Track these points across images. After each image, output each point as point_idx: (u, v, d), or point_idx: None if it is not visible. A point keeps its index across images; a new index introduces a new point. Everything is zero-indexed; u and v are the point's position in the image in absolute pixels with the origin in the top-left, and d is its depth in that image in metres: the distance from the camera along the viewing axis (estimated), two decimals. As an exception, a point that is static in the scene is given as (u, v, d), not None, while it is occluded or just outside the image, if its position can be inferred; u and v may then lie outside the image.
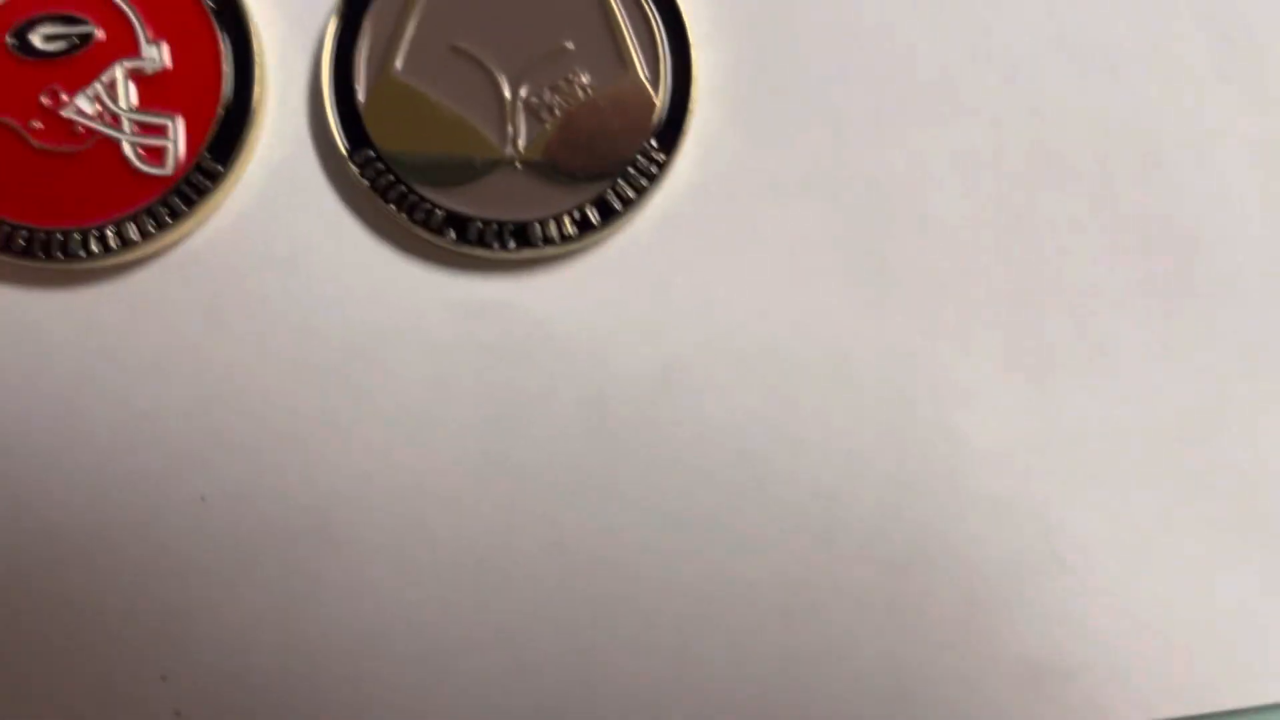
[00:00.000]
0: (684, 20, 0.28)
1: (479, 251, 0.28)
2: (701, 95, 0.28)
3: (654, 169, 0.28)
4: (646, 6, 0.28)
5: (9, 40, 0.28)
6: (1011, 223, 0.29)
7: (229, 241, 0.28)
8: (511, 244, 0.28)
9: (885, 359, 0.29)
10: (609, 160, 0.28)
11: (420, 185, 0.28)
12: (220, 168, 0.28)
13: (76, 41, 0.28)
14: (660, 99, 0.28)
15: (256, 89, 0.28)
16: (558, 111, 0.28)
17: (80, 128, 0.28)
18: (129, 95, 0.28)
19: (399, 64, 0.28)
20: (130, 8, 0.28)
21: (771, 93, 0.29)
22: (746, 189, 0.29)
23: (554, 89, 0.28)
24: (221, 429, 0.28)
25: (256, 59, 0.28)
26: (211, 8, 0.28)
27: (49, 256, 0.27)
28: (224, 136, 0.28)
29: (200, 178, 0.28)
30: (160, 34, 0.28)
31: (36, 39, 0.28)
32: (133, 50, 0.28)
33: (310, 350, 0.28)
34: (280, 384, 0.28)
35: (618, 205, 0.28)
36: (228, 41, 0.28)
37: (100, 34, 0.28)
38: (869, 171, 0.29)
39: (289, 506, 0.28)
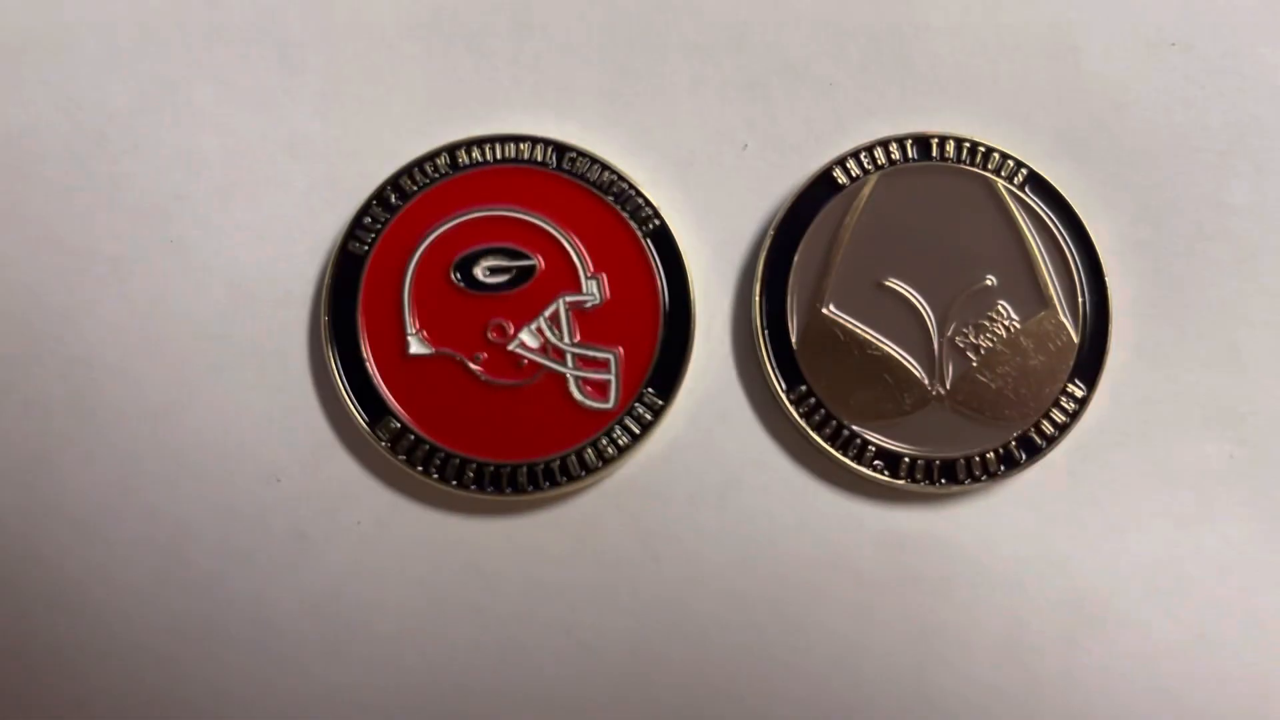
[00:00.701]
0: (1098, 254, 0.29)
1: (908, 486, 0.28)
2: (1114, 329, 0.29)
3: (1074, 406, 0.29)
4: (1061, 240, 0.29)
5: (454, 275, 0.28)
6: None
7: (662, 471, 0.28)
8: (941, 480, 0.28)
9: (1292, 593, 0.29)
10: (1033, 398, 0.29)
11: (852, 421, 0.28)
12: (661, 402, 0.28)
13: (518, 275, 0.28)
14: (1079, 336, 0.29)
15: (693, 323, 0.28)
16: (983, 350, 0.29)
17: (525, 361, 0.28)
18: (571, 329, 0.28)
19: (830, 301, 0.29)
20: (570, 241, 0.28)
21: (1177, 325, 0.30)
22: (1155, 424, 0.29)
23: (978, 327, 0.29)
24: (657, 656, 0.28)
25: (692, 292, 0.28)
26: (647, 242, 0.29)
27: (498, 490, 0.28)
28: (662, 370, 0.28)
29: (642, 411, 0.28)
30: (600, 267, 0.28)
31: (480, 272, 0.28)
32: (574, 284, 0.28)
33: (742, 580, 0.28)
34: (714, 612, 0.28)
35: (1040, 442, 0.29)
36: (662, 276, 0.28)
37: (542, 267, 0.28)
38: (1268, 406, 0.30)
39: (727, 742, 0.28)
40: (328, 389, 0.28)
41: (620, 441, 0.28)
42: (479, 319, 0.28)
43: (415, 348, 0.28)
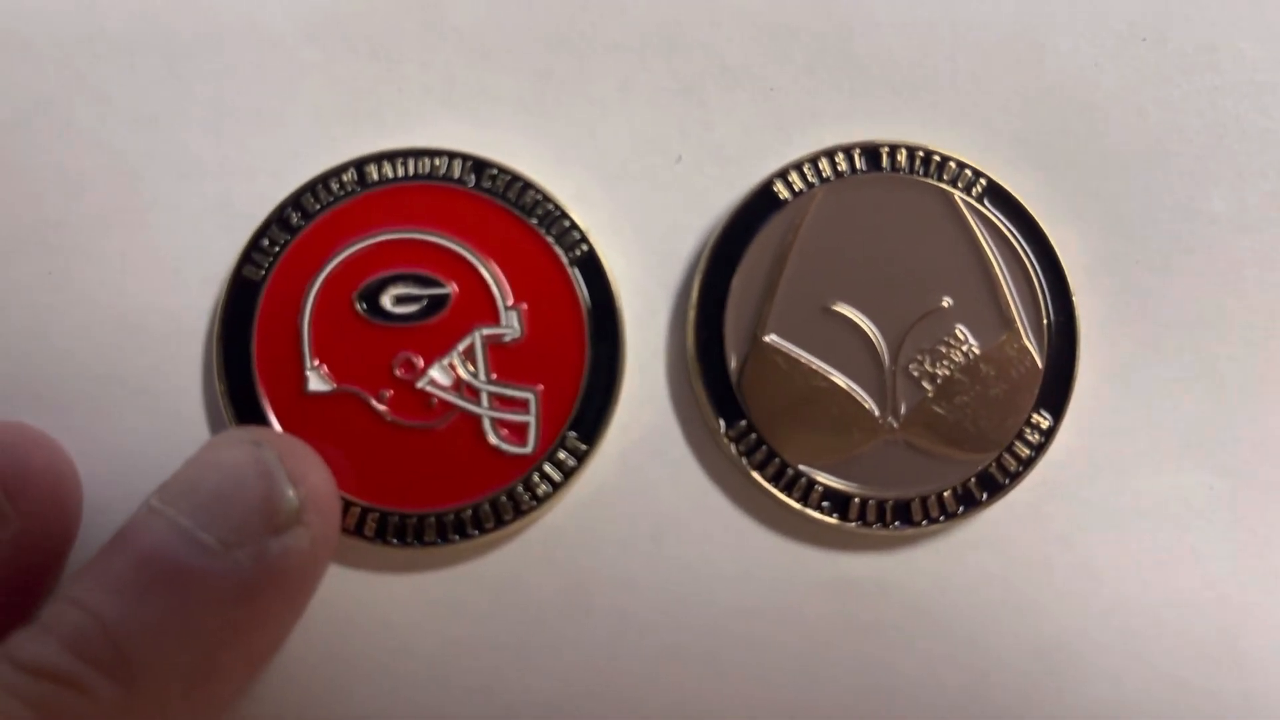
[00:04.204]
0: (1065, 271, 0.27)
1: (859, 529, 0.26)
2: (1082, 353, 0.27)
3: (1039, 438, 0.26)
4: (1024, 256, 0.27)
5: (357, 304, 0.26)
6: None
7: (592, 516, 0.26)
8: (895, 522, 0.26)
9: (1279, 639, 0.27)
10: (994, 430, 0.26)
11: (797, 460, 0.26)
12: (584, 446, 0.26)
13: (430, 305, 0.26)
14: (1044, 361, 0.26)
15: (622, 358, 0.26)
16: (939, 378, 0.26)
17: (435, 401, 0.26)
18: (487, 365, 0.26)
19: (771, 329, 0.26)
20: (488, 268, 0.26)
21: (1152, 347, 0.27)
22: (1128, 455, 0.27)
23: (933, 353, 0.26)
24: (585, 718, 0.26)
25: (621, 324, 0.26)
26: (573, 270, 0.26)
27: (403, 542, 0.25)
28: (587, 410, 0.26)
29: (564, 456, 0.26)
30: (520, 297, 0.26)
31: (387, 301, 0.26)
32: (491, 316, 0.26)
33: (679, 634, 0.26)
34: (649, 669, 0.26)
35: (1002, 478, 0.26)
36: (589, 305, 0.26)
37: (456, 295, 0.26)
38: (1250, 434, 0.27)
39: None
40: (221, 429, 0.26)
41: (539, 490, 0.25)
42: (385, 353, 0.26)
43: (314, 384, 0.25)
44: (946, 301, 0.27)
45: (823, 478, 0.26)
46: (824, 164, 0.27)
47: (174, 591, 0.20)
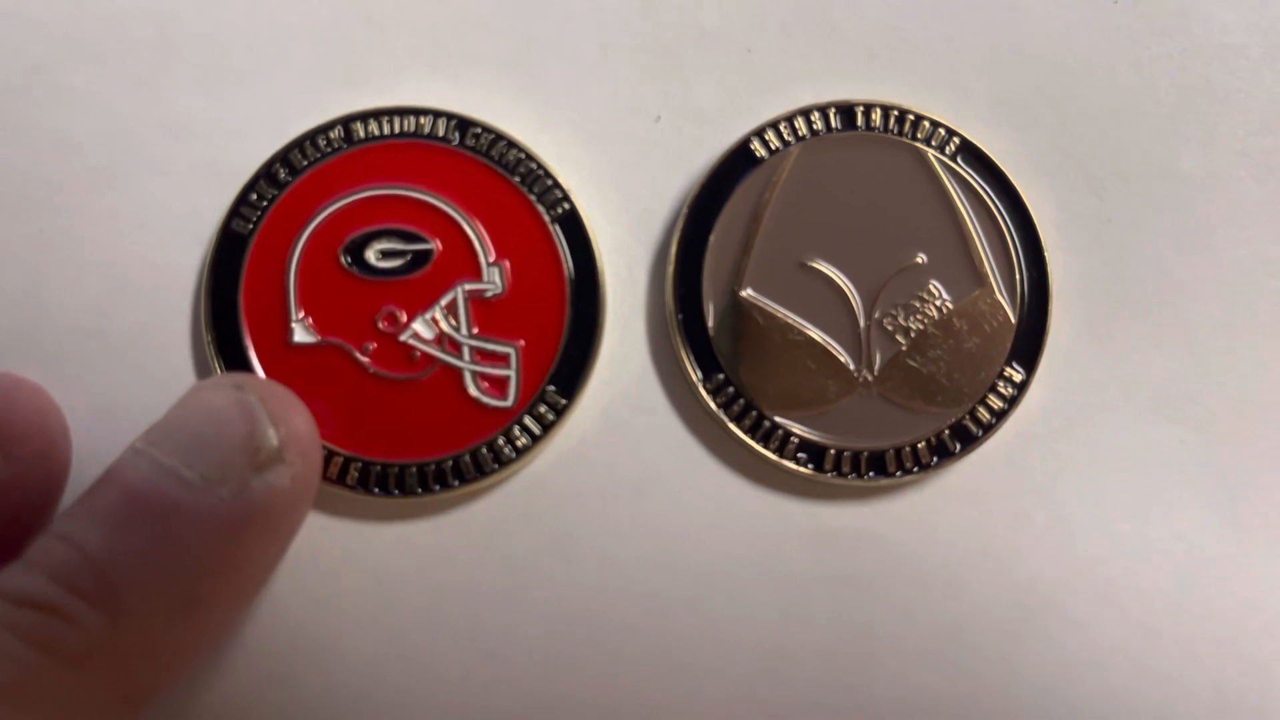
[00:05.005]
0: (1037, 228, 0.27)
1: (834, 480, 0.26)
2: (1055, 309, 0.27)
3: (1012, 391, 0.27)
4: (997, 213, 0.27)
5: (343, 258, 0.26)
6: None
7: (574, 468, 0.27)
8: (869, 473, 0.26)
9: (1248, 588, 0.27)
10: (968, 383, 0.27)
11: (773, 411, 0.26)
12: (564, 400, 0.26)
13: (414, 260, 0.26)
14: (1017, 316, 0.27)
15: (602, 314, 0.26)
16: (913, 333, 0.27)
17: (418, 354, 0.26)
18: (469, 320, 0.26)
19: (748, 283, 0.27)
20: (471, 225, 0.26)
21: (1124, 303, 0.28)
22: (1100, 408, 0.27)
23: (907, 308, 0.27)
24: (569, 665, 0.26)
25: (601, 280, 0.26)
26: (554, 227, 0.27)
27: (384, 491, 0.26)
28: (567, 365, 0.26)
29: (544, 410, 0.26)
30: (503, 254, 0.26)
31: (372, 256, 0.26)
32: (474, 271, 0.26)
33: (659, 582, 0.26)
34: (629, 616, 0.26)
35: (975, 430, 0.27)
36: (570, 262, 0.26)
37: (440, 251, 0.26)
38: (1220, 388, 0.28)
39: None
40: (210, 382, 0.26)
41: (519, 442, 0.26)
42: (369, 306, 0.26)
43: (299, 335, 0.26)
44: (920, 258, 0.27)
45: (799, 429, 0.26)
46: (800, 123, 0.27)
47: (158, 525, 0.21)
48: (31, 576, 0.20)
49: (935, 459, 0.27)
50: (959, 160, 0.27)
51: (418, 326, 0.26)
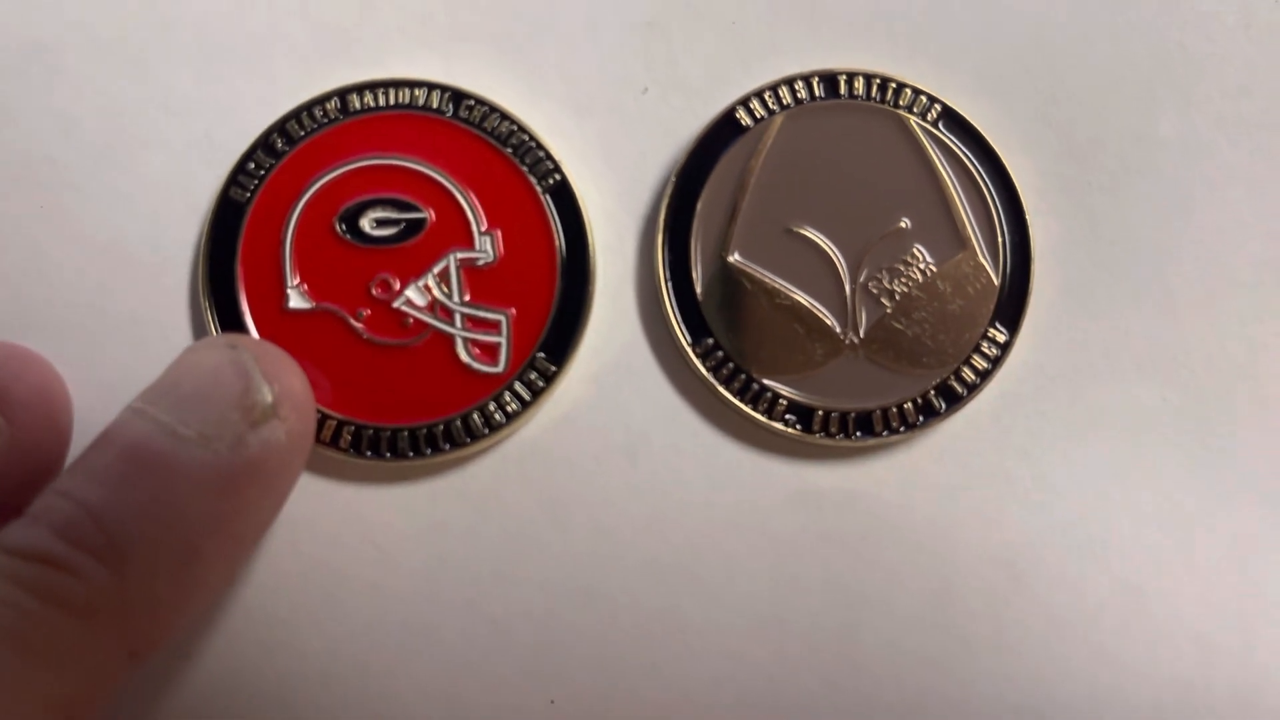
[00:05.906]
0: (1019, 192, 0.28)
1: (822, 440, 0.27)
2: (1037, 271, 0.28)
3: (996, 351, 0.27)
4: (979, 178, 0.28)
5: (338, 226, 0.27)
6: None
7: (567, 433, 0.27)
8: (857, 433, 0.27)
9: (1231, 545, 0.28)
10: (952, 344, 0.27)
11: (762, 374, 0.27)
12: (554, 367, 0.26)
13: (407, 228, 0.27)
14: (1000, 278, 0.27)
15: (592, 282, 0.27)
16: (898, 295, 0.27)
17: (410, 320, 0.26)
18: (461, 288, 0.27)
19: (736, 249, 0.27)
20: (464, 194, 0.27)
21: (1104, 266, 0.28)
22: (1083, 369, 0.28)
23: (892, 271, 0.27)
24: (567, 629, 0.26)
25: (591, 250, 0.27)
26: (546, 198, 0.27)
27: (377, 454, 0.26)
28: (557, 331, 0.27)
29: (534, 376, 0.26)
30: (495, 223, 0.27)
31: (367, 224, 0.27)
32: (466, 240, 0.27)
33: (652, 545, 0.27)
34: (623, 580, 0.27)
35: (961, 390, 0.27)
36: (560, 232, 0.27)
37: (433, 220, 0.27)
38: (1201, 349, 0.28)
39: (639, 706, 0.26)
40: (207, 350, 0.27)
41: (510, 408, 0.26)
42: (363, 273, 0.27)
43: (295, 301, 0.26)
44: (904, 222, 0.28)
45: (787, 391, 0.27)
46: (784, 92, 0.28)
47: (158, 480, 0.21)
48: (36, 531, 0.21)
49: (921, 419, 0.27)
50: (940, 127, 0.28)
51: (410, 293, 0.27)
